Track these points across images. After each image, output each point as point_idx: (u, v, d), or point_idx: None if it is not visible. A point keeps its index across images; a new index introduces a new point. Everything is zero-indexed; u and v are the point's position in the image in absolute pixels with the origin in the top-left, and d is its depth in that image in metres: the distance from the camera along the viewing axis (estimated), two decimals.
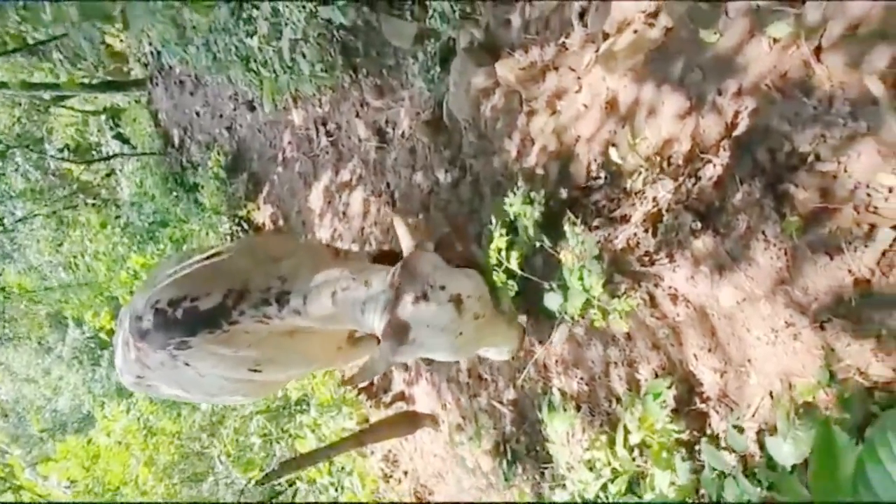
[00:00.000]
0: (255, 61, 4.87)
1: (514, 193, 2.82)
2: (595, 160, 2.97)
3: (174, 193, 8.42)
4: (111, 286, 7.31)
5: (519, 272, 2.44)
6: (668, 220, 2.28)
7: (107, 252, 9.03)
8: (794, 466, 1.76)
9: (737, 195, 2.14)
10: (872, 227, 1.80)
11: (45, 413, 11.68)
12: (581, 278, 2.31)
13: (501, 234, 2.46)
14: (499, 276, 2.50)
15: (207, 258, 3.03)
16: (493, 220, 2.76)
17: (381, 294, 2.48)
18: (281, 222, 6.62)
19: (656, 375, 2.53)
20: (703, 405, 2.32)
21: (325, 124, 5.80)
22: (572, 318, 2.45)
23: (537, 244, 2.58)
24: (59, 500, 6.42)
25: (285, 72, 4.64)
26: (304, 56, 4.75)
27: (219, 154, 7.47)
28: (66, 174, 12.18)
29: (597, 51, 3.10)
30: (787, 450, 1.72)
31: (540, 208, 2.63)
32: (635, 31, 2.84)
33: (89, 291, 8.39)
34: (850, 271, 1.82)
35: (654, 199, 2.40)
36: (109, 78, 10.18)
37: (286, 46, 4.61)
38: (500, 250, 2.46)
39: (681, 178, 2.33)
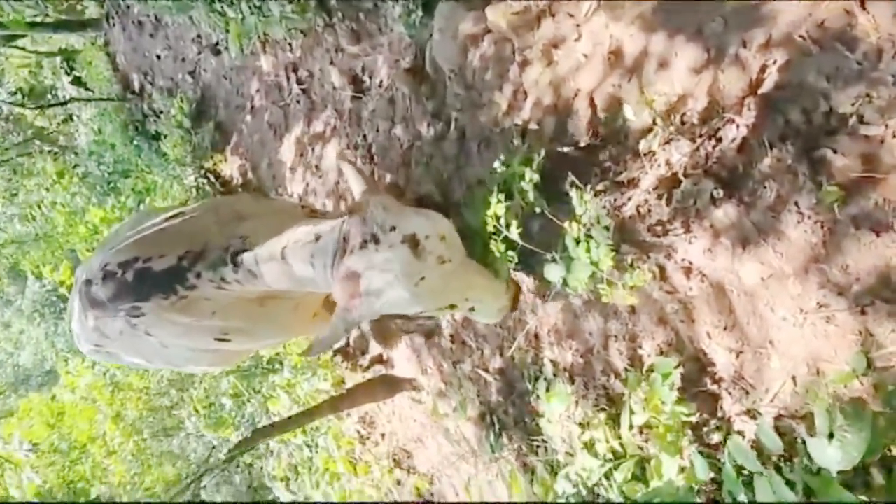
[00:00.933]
0: (220, 1, 4.47)
1: (511, 152, 2.57)
2: (597, 116, 2.73)
3: (135, 142, 7.98)
4: (70, 240, 6.93)
5: (519, 242, 2.22)
6: (685, 186, 2.07)
7: (65, 203, 8.59)
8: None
9: (764, 160, 1.93)
10: None
11: (7, 368, 11.34)
12: (588, 250, 2.10)
13: (500, 200, 2.23)
14: (496, 246, 2.28)
15: (168, 218, 2.77)
16: (490, 183, 2.51)
17: (329, 245, 2.24)
18: (250, 175, 6.28)
19: (661, 352, 2.35)
20: (714, 387, 2.16)
21: (296, 71, 5.44)
22: (575, 290, 2.25)
23: (537, 210, 2.35)
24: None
25: (253, 13, 4.26)
26: None
27: (182, 101, 7.04)
28: (21, 119, 11.55)
29: None
30: (833, 454, 1.55)
31: (539, 169, 2.39)
32: None
33: (47, 245, 7.98)
34: None
35: (668, 162, 2.18)
36: (63, 17, 9.52)
37: None
38: (497, 217, 2.22)
39: (699, 140, 2.11)
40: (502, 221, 2.20)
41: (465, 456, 3.80)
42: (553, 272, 2.28)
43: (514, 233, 2.18)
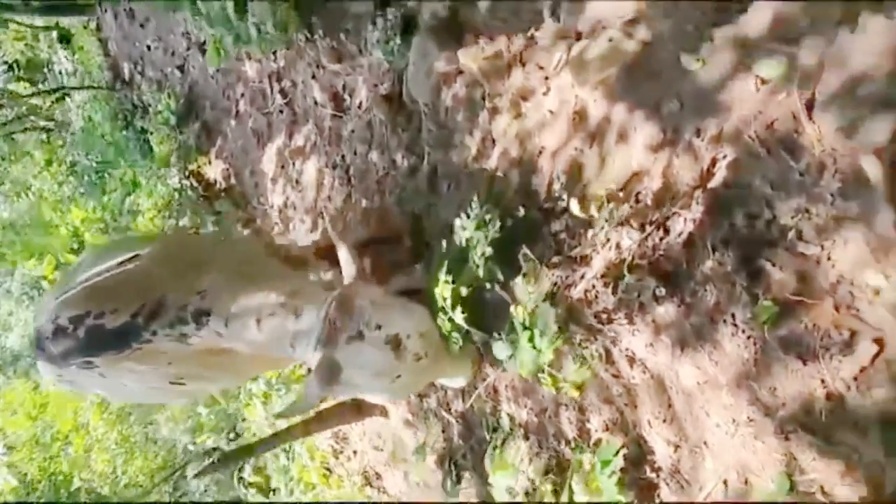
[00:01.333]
0: (198, 17, 4.41)
1: (468, 215, 2.56)
2: (558, 178, 2.71)
3: (124, 133, 7.92)
4: (52, 241, 6.91)
5: (465, 326, 2.22)
6: (629, 280, 2.05)
7: (52, 191, 8.57)
8: None
9: (707, 262, 1.91)
10: (853, 334, 1.60)
11: None
12: (531, 339, 2.10)
13: (447, 281, 2.21)
14: (443, 324, 2.28)
15: (121, 263, 2.74)
16: (443, 248, 2.49)
17: (313, 327, 2.27)
18: (233, 180, 6.24)
19: (607, 428, 2.36)
20: (653, 475, 2.17)
21: (280, 80, 5.38)
22: (520, 371, 2.26)
23: (488, 285, 2.35)
24: None
25: (229, 31, 4.21)
26: (252, 15, 4.30)
27: (169, 98, 6.99)
28: (14, 95, 11.46)
29: (568, 50, 2.79)
30: None
31: (494, 235, 2.38)
32: (610, 40, 2.53)
33: (31, 233, 7.97)
34: (823, 382, 1.63)
35: (618, 245, 2.17)
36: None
37: (231, 6, 4.16)
38: (444, 298, 2.22)
39: (648, 228, 2.09)
40: (448, 303, 2.19)
41: (432, 485, 3.83)
42: (500, 350, 2.29)
43: (458, 316, 2.18)
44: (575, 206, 2.20)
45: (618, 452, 2.13)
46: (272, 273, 2.64)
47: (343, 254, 2.43)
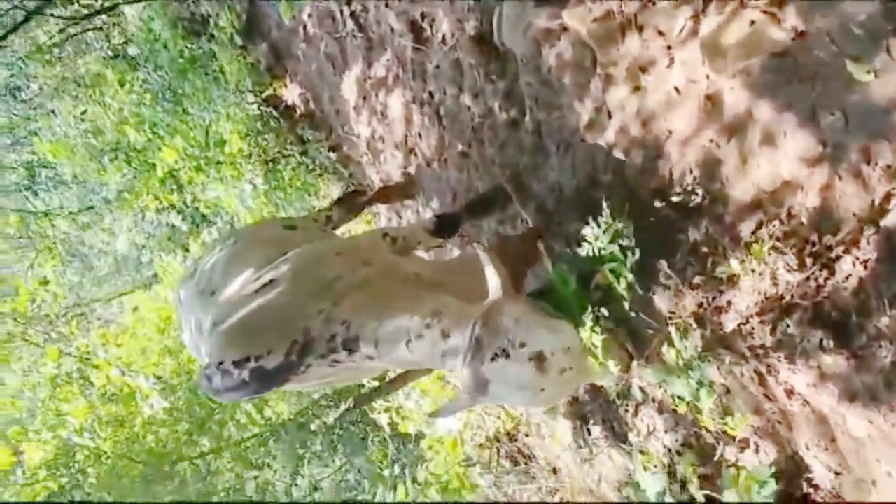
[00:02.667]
0: None
1: (598, 223, 2.48)
2: (691, 171, 2.55)
3: (187, 45, 7.73)
4: (150, 184, 7.06)
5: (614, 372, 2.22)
6: (791, 326, 1.99)
7: (132, 114, 8.65)
8: None
9: (882, 319, 1.82)
10: None
11: (108, 257, 12.07)
12: (687, 384, 2.09)
13: (594, 329, 2.18)
14: (592, 367, 2.27)
15: (262, 288, 2.86)
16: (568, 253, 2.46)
17: (461, 346, 2.38)
18: (312, 105, 6.13)
19: (756, 432, 2.41)
20: (811, 490, 2.23)
21: (349, 2, 5.08)
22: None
23: (632, 314, 2.32)
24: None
25: None
26: None
27: (230, 12, 6.73)
28: None
29: (694, 16, 2.51)
30: None
31: (633, 260, 2.31)
32: (753, 23, 2.25)
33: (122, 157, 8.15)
34: None
35: (774, 276, 2.07)
36: None
37: None
38: (595, 346, 2.20)
39: (810, 265, 1.98)
40: (599, 351, 2.18)
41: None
42: (652, 376, 2.30)
43: (612, 367, 2.18)
44: (736, 265, 2.09)
45: (775, 476, 2.18)
46: (406, 293, 2.71)
47: (488, 268, 2.47)
